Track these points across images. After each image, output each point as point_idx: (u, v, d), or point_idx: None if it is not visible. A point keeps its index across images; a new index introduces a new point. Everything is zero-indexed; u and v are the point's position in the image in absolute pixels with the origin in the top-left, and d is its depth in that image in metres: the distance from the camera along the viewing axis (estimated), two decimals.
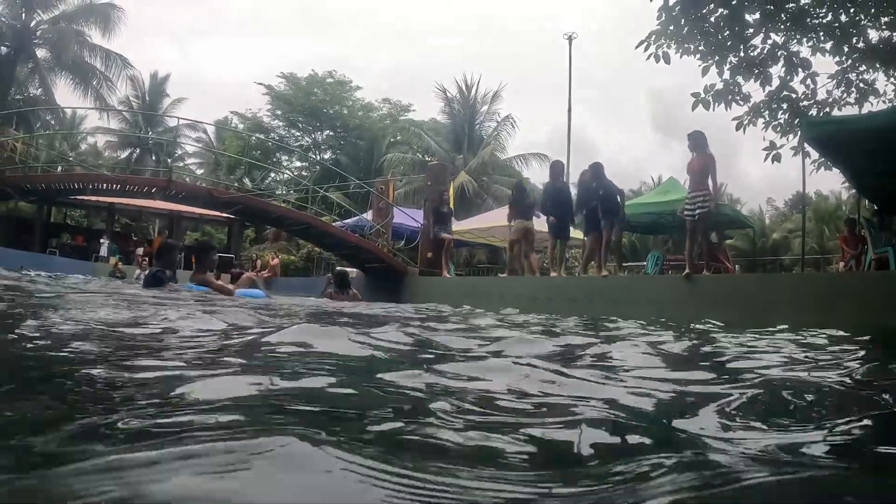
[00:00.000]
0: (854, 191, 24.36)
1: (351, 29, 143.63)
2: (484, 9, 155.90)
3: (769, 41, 16.54)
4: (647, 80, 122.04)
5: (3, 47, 41.37)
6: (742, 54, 16.53)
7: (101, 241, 36.18)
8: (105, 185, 25.49)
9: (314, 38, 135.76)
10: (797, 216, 55.80)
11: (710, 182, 13.32)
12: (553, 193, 17.15)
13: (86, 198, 33.74)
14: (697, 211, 13.26)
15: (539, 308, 12.66)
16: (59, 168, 35.00)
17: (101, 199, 34.47)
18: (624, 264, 16.71)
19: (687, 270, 13.10)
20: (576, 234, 18.91)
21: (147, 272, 12.04)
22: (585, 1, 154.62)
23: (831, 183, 54.13)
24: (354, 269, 26.16)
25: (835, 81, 17.11)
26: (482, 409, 2.01)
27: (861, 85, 16.98)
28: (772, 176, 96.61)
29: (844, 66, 16.78)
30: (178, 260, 11.80)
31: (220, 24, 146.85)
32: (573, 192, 17.78)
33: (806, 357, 4.44)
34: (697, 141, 13.43)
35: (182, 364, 2.69)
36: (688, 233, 13.70)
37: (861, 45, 16.34)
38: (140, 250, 34.21)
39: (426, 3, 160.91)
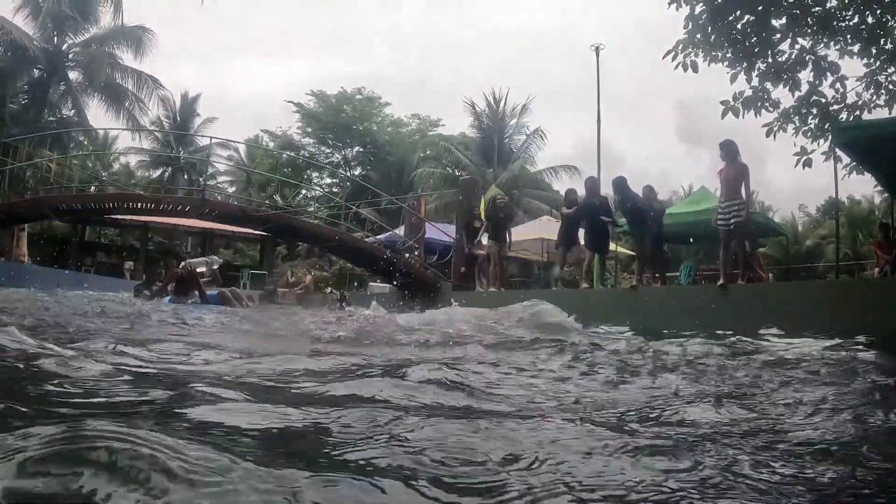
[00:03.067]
0: (887, 195, 24.18)
1: (376, 47, 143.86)
2: (504, 24, 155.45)
3: (797, 46, 16.48)
4: (670, 90, 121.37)
5: (36, 70, 41.89)
6: (770, 60, 16.48)
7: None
8: (139, 204, 25.71)
9: (340, 56, 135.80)
10: (830, 222, 55.22)
11: (743, 191, 13.27)
12: (589, 209, 17.10)
13: (120, 217, 34.07)
14: (732, 220, 13.15)
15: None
16: (93, 188, 35.33)
17: (135, 217, 34.80)
18: (656, 274, 16.62)
19: (721, 280, 13.03)
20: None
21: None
22: (604, 12, 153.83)
23: (864, 188, 53.44)
24: (386, 285, 26.19)
25: (864, 84, 17.02)
26: None
27: (890, 87, 16.84)
28: (800, 182, 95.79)
29: (873, 68, 16.69)
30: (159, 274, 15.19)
31: (245, 44, 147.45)
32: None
33: None
34: (730, 150, 13.34)
35: None
36: (722, 242, 13.62)
37: (889, 46, 16.23)
38: (129, 264, 35.09)
39: (448, 19, 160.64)
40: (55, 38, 41.92)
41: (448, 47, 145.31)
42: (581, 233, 17.78)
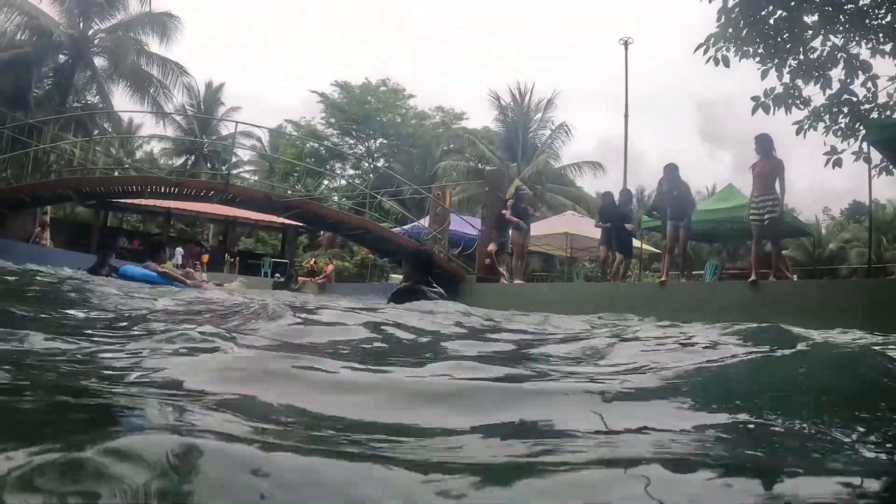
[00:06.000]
0: None
1: (400, 41, 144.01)
2: (527, 21, 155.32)
3: (828, 43, 16.29)
4: (693, 89, 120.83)
5: (61, 55, 41.88)
6: (801, 57, 16.31)
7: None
8: (162, 188, 25.64)
9: (364, 51, 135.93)
10: (854, 226, 54.91)
11: (777, 186, 13.10)
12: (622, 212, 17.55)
13: (142, 202, 34.12)
14: (766, 216, 12.94)
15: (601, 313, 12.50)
16: (116, 173, 35.37)
17: (157, 203, 34.84)
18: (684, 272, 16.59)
19: (752, 277, 12.87)
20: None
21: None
22: (629, 10, 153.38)
23: (890, 191, 53.16)
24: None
25: (895, 84, 16.82)
26: None
27: None
28: (822, 186, 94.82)
29: None
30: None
31: (269, 38, 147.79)
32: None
33: None
34: (764, 144, 13.15)
35: None
36: (754, 238, 13.47)
37: None
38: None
39: (471, 14, 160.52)
40: (81, 24, 41.87)
41: (473, 41, 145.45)
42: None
